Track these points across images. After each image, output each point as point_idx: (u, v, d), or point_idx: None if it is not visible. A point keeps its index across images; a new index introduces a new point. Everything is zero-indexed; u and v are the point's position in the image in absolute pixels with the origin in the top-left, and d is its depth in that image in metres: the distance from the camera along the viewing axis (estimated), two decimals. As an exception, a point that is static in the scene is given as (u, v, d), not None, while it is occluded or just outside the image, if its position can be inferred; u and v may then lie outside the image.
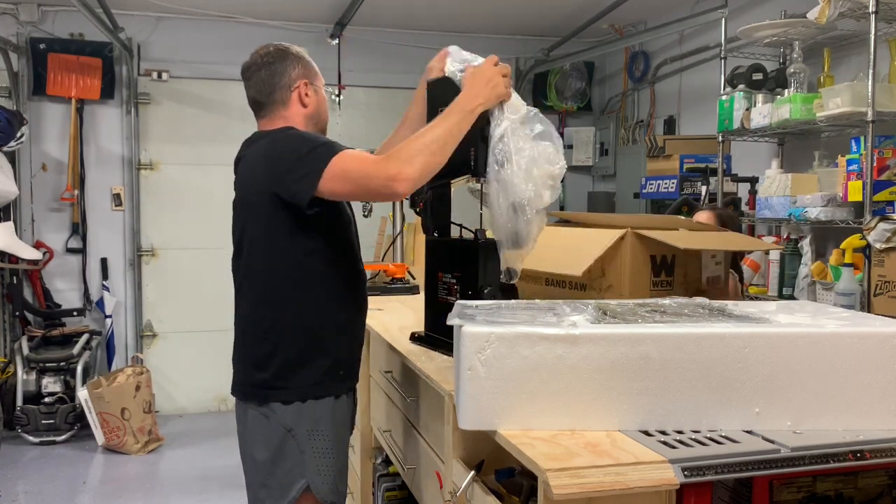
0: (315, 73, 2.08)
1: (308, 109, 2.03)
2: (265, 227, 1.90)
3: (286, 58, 2.03)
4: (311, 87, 2.04)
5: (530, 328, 1.37)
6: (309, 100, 2.03)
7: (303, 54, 2.07)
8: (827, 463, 1.28)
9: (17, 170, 4.92)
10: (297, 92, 2.02)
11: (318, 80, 2.08)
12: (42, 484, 3.96)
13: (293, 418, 1.88)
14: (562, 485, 1.16)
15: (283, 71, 2.01)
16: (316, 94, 2.06)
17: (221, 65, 5.29)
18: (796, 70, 3.38)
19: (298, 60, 2.04)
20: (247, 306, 1.95)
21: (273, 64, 2.02)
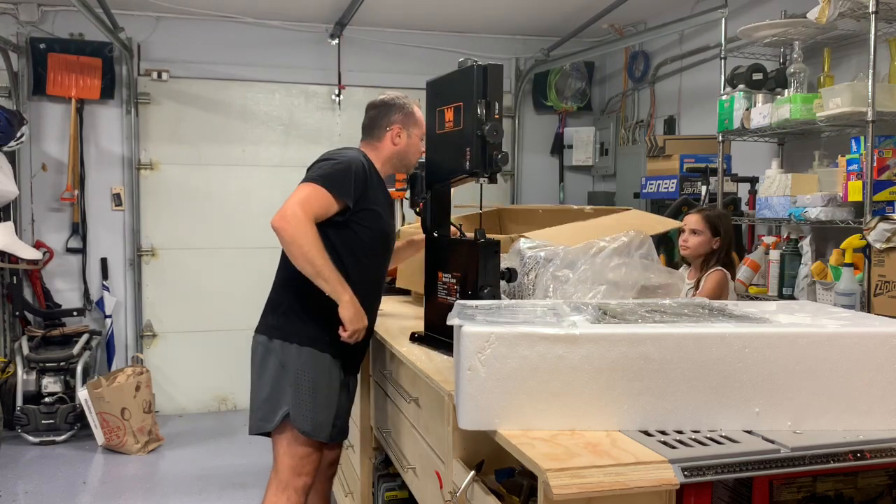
0: (415, 123, 2.48)
1: (398, 148, 2.47)
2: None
3: (391, 105, 2.50)
4: (404, 131, 2.47)
5: (530, 328, 1.37)
6: (400, 142, 2.47)
7: (406, 105, 2.50)
8: (827, 463, 1.28)
9: (17, 170, 4.91)
10: (391, 133, 2.47)
11: (415, 130, 2.48)
12: (42, 484, 3.96)
13: (285, 355, 2.33)
14: (562, 485, 1.16)
15: (385, 114, 2.49)
16: (409, 139, 2.47)
17: (221, 65, 5.29)
18: (796, 70, 3.38)
19: (401, 110, 2.48)
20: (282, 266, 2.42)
21: (380, 108, 2.52)
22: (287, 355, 2.33)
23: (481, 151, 1.95)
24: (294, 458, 2.32)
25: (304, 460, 2.32)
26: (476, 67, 1.96)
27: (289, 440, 2.32)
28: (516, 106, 5.84)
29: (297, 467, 2.32)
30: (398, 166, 2.50)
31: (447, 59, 5.22)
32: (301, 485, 2.33)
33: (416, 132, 2.48)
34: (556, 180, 6.01)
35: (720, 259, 3.11)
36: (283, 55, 5.35)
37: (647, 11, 5.03)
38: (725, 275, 3.07)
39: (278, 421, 2.30)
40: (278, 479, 2.33)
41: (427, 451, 1.95)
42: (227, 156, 5.32)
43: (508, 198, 5.90)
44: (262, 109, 5.40)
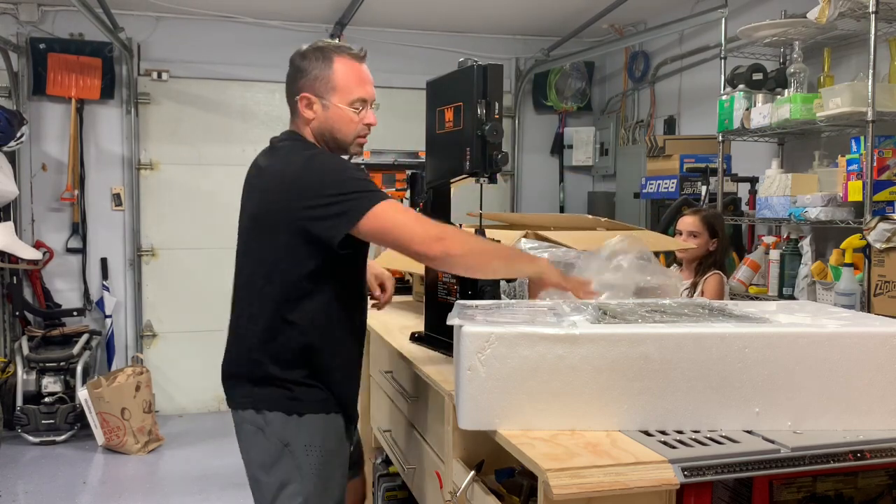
0: (333, 87, 1.86)
1: (312, 124, 1.89)
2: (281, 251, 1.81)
3: (305, 59, 1.89)
4: (317, 101, 1.87)
5: (530, 328, 1.37)
6: (312, 114, 1.88)
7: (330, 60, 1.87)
8: (827, 463, 1.28)
9: (17, 170, 4.91)
10: (298, 103, 1.88)
11: (333, 96, 1.87)
12: (42, 484, 3.96)
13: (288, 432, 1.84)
14: (562, 485, 1.16)
15: (294, 76, 1.91)
16: (325, 110, 1.87)
17: (221, 65, 5.29)
18: (796, 70, 3.38)
19: (314, 70, 1.86)
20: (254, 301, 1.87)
21: (293, 64, 1.93)
22: (292, 431, 1.82)
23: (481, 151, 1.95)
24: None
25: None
26: (476, 67, 1.96)
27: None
28: (516, 106, 5.84)
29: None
30: (333, 149, 1.92)
31: (447, 59, 5.21)
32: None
33: (334, 98, 1.86)
34: (556, 180, 6.01)
35: (717, 261, 3.09)
36: (283, 55, 5.27)
37: (647, 11, 5.03)
38: (723, 278, 3.06)
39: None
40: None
41: (427, 451, 1.95)
42: (227, 156, 5.32)
43: (508, 198, 5.90)
44: (262, 109, 5.39)
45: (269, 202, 1.82)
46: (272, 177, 1.84)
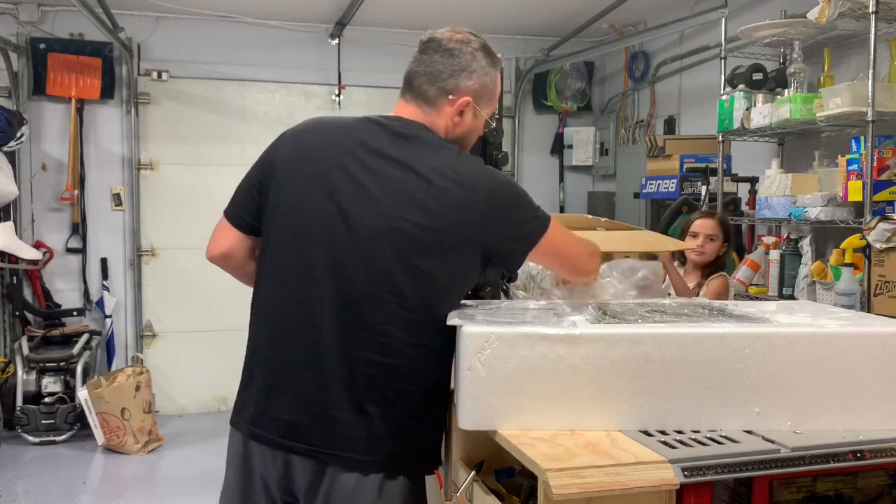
0: (491, 97, 1.69)
1: (457, 130, 1.65)
2: (453, 270, 1.55)
3: (473, 58, 1.64)
4: (472, 108, 1.64)
5: (530, 328, 1.37)
6: (462, 121, 1.65)
7: (494, 67, 1.69)
8: (827, 463, 1.28)
9: (17, 170, 4.91)
10: (455, 104, 1.62)
11: (486, 107, 1.69)
12: (42, 484, 3.96)
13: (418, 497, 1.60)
14: (562, 485, 1.16)
15: (457, 71, 1.62)
16: (475, 119, 1.67)
17: (221, 65, 5.28)
18: (796, 70, 3.38)
19: (483, 74, 1.64)
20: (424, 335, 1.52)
21: (458, 56, 1.63)
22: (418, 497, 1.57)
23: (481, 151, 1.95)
24: None
25: None
26: (476, 67, 1.95)
27: None
28: (516, 106, 5.84)
29: None
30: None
31: (447, 59, 5.21)
32: None
33: (486, 111, 1.69)
34: (556, 180, 6.01)
35: (724, 263, 3.06)
36: (283, 55, 5.34)
37: (647, 11, 5.03)
38: (728, 280, 3.03)
39: None
40: None
41: (427, 451, 1.95)
42: (227, 156, 5.32)
43: (508, 198, 5.89)
44: (262, 109, 5.39)
45: (455, 214, 1.51)
46: (451, 182, 1.51)
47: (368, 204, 1.51)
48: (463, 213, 1.51)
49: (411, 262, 1.48)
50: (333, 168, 1.55)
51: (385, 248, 1.49)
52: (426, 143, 1.58)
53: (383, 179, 1.52)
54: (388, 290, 1.49)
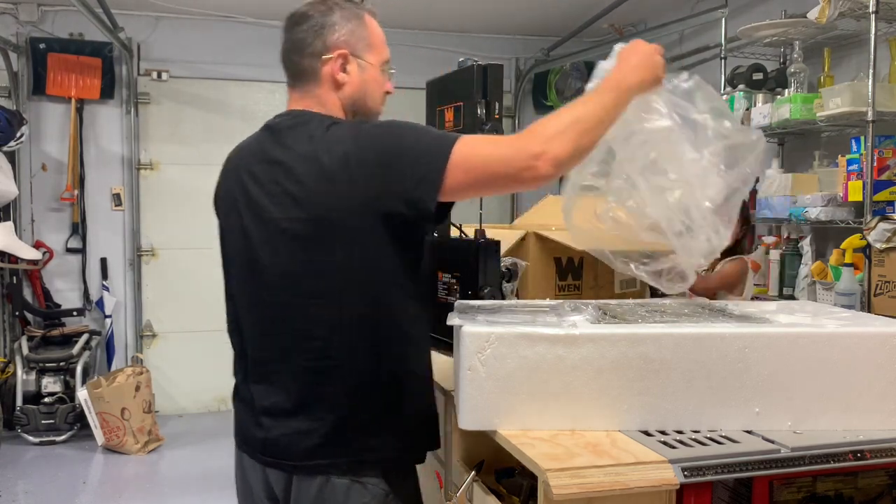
0: (369, 44, 1.56)
1: (345, 90, 1.52)
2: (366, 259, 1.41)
3: (329, 13, 1.53)
4: (354, 61, 1.52)
5: (530, 328, 1.37)
6: (347, 78, 1.52)
7: (360, 14, 1.58)
8: (827, 463, 1.28)
9: (17, 170, 4.91)
10: (331, 66, 1.51)
11: (370, 55, 1.55)
12: (42, 484, 3.96)
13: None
14: (562, 485, 1.16)
15: (318, 32, 1.53)
16: (361, 71, 1.53)
17: (221, 65, 5.28)
18: (796, 70, 3.38)
19: (346, 22, 1.53)
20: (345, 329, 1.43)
21: (312, 18, 1.55)
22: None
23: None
24: None
25: None
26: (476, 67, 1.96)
27: None
28: (516, 106, 5.84)
29: None
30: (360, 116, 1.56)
31: (447, 59, 5.21)
32: None
33: (372, 58, 1.55)
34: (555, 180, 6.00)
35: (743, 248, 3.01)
36: (283, 55, 5.34)
37: (647, 11, 5.03)
38: (746, 263, 2.93)
39: None
40: None
41: (427, 451, 1.95)
42: (227, 156, 5.32)
43: (508, 198, 5.89)
44: (262, 109, 5.39)
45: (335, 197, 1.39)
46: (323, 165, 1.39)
47: (260, 216, 1.46)
48: (330, 186, 1.38)
49: (310, 261, 1.41)
50: (237, 189, 1.53)
51: (282, 255, 1.43)
52: (304, 128, 1.46)
53: (268, 186, 1.45)
54: (300, 295, 1.43)
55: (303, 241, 1.41)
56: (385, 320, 1.44)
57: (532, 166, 1.35)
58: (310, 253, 1.41)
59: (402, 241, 1.43)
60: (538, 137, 1.36)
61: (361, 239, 1.39)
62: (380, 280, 1.43)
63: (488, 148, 1.40)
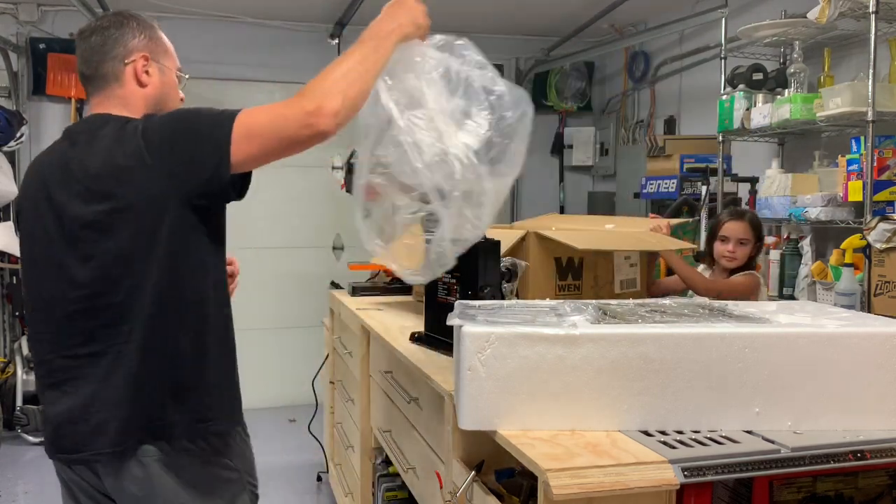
0: (165, 50, 1.72)
1: (148, 90, 1.65)
2: (157, 250, 1.48)
3: (125, 24, 1.65)
4: (154, 63, 1.66)
5: (530, 328, 1.37)
6: (149, 79, 1.65)
7: (153, 25, 1.72)
8: (827, 463, 1.28)
9: (17, 170, 4.91)
10: (133, 66, 1.62)
11: (167, 60, 1.71)
12: (42, 484, 3.96)
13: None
14: (562, 485, 1.16)
15: (118, 38, 1.62)
16: (161, 74, 1.68)
17: (221, 65, 5.28)
18: (796, 70, 3.38)
19: (142, 31, 1.66)
20: (133, 354, 1.49)
21: (108, 29, 1.63)
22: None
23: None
24: None
25: None
26: (476, 67, 1.95)
27: None
28: (516, 106, 5.83)
29: None
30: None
31: (447, 59, 5.21)
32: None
33: (169, 63, 1.72)
34: (556, 180, 6.01)
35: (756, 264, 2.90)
36: (283, 55, 5.34)
37: (647, 11, 5.03)
38: (757, 278, 2.83)
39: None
40: None
41: (427, 451, 1.95)
42: (227, 156, 5.32)
43: (508, 198, 5.89)
44: (262, 109, 5.39)
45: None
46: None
47: (62, 216, 1.53)
48: (129, 177, 1.47)
49: (119, 249, 1.48)
50: (40, 196, 1.57)
51: (88, 247, 1.50)
52: (100, 130, 1.54)
53: (71, 187, 1.52)
54: (63, 291, 1.53)
55: (109, 232, 1.48)
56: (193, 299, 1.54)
57: (309, 123, 1.43)
58: (117, 241, 1.47)
59: (206, 220, 1.54)
60: (310, 95, 1.46)
61: (168, 222, 1.48)
62: (184, 262, 1.52)
63: (266, 115, 1.50)
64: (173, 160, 1.48)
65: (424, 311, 2.21)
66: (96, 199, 1.48)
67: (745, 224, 2.84)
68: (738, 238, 2.82)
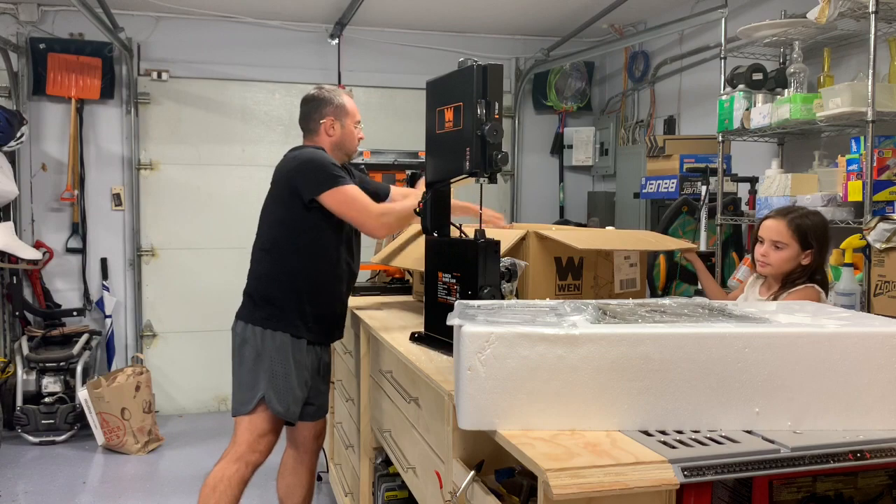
0: (346, 113, 2.74)
1: (333, 139, 2.74)
2: (280, 207, 2.64)
3: (320, 99, 2.75)
4: (337, 122, 2.73)
5: (530, 328, 1.37)
6: (334, 132, 2.74)
7: (334, 98, 2.74)
8: (827, 463, 1.28)
9: (17, 170, 4.91)
10: (324, 125, 2.73)
11: (347, 119, 2.74)
12: (42, 484, 3.96)
13: (262, 342, 2.58)
14: (562, 485, 1.16)
15: (316, 108, 2.75)
16: (342, 128, 2.74)
17: (221, 65, 5.29)
18: (796, 70, 3.38)
19: (330, 102, 2.73)
20: (256, 259, 2.72)
21: (310, 103, 2.77)
22: (263, 342, 2.58)
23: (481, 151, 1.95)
24: (253, 435, 2.57)
25: (262, 438, 2.59)
26: (476, 67, 1.96)
27: (253, 418, 2.57)
28: (516, 106, 5.84)
29: (254, 444, 2.57)
30: (339, 155, 2.75)
31: (447, 59, 5.22)
32: (254, 460, 2.59)
33: (348, 121, 2.75)
34: (556, 180, 6.01)
35: (812, 277, 2.41)
36: (283, 55, 5.34)
37: (647, 11, 5.03)
38: (818, 293, 2.38)
39: (255, 404, 2.56)
40: (235, 450, 2.58)
41: (427, 451, 1.95)
42: (227, 156, 5.32)
43: (508, 198, 5.90)
44: (262, 109, 5.39)
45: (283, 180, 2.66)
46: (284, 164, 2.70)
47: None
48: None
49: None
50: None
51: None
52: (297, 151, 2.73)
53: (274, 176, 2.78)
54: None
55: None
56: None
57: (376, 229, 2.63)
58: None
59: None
60: (388, 217, 2.62)
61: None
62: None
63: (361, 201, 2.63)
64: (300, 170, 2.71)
65: (424, 311, 2.21)
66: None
67: (782, 224, 2.40)
68: (773, 240, 2.41)
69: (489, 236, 2.02)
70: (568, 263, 2.34)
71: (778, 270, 2.43)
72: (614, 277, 2.43)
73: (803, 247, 2.39)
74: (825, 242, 2.42)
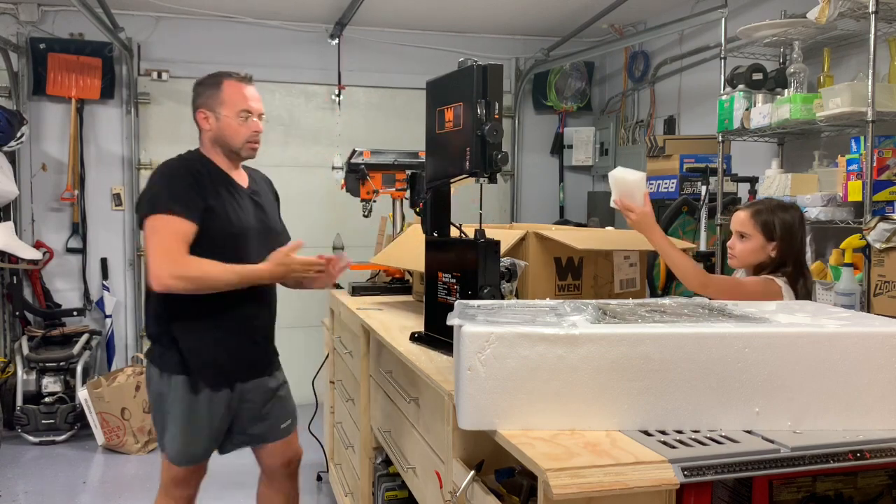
0: (219, 101, 2.37)
1: (209, 133, 2.45)
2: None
3: (195, 89, 2.43)
4: (211, 114, 2.40)
5: (530, 328, 1.37)
6: (209, 125, 2.42)
7: (207, 86, 2.40)
8: (827, 463, 1.28)
9: (17, 170, 4.91)
10: (198, 118, 2.44)
11: (222, 108, 2.37)
12: (42, 484, 3.96)
13: (162, 386, 2.40)
14: (562, 485, 1.16)
15: (193, 100, 2.43)
16: (217, 120, 2.39)
17: (221, 65, 5.21)
18: (796, 70, 3.38)
19: (202, 93, 2.40)
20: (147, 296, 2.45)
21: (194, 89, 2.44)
22: (161, 385, 2.41)
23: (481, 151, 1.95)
24: (170, 475, 2.52)
25: (179, 478, 2.51)
26: (476, 67, 1.96)
27: (166, 460, 2.51)
28: (516, 106, 5.84)
29: (176, 481, 2.52)
30: (225, 151, 2.47)
31: (447, 59, 5.22)
32: (182, 495, 2.54)
33: (224, 111, 2.38)
34: (555, 180, 6.01)
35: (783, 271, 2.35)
36: (283, 55, 5.34)
37: (647, 11, 5.03)
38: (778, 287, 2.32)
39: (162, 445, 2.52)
40: (162, 487, 2.56)
41: (427, 451, 1.95)
42: (227, 156, 5.32)
43: (508, 198, 5.90)
44: (262, 109, 5.39)
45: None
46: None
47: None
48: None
49: None
50: None
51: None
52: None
53: None
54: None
55: None
56: None
57: (155, 280, 2.22)
58: None
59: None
60: (178, 269, 2.21)
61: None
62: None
63: (159, 240, 2.26)
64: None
65: (424, 311, 2.21)
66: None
67: (746, 215, 2.38)
68: (737, 230, 2.40)
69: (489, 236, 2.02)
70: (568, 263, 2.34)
71: (743, 262, 2.43)
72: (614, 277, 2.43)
73: (767, 238, 2.36)
74: (793, 235, 2.36)
